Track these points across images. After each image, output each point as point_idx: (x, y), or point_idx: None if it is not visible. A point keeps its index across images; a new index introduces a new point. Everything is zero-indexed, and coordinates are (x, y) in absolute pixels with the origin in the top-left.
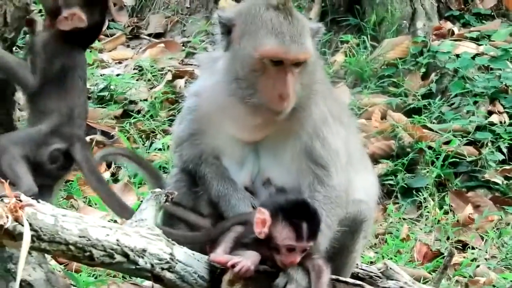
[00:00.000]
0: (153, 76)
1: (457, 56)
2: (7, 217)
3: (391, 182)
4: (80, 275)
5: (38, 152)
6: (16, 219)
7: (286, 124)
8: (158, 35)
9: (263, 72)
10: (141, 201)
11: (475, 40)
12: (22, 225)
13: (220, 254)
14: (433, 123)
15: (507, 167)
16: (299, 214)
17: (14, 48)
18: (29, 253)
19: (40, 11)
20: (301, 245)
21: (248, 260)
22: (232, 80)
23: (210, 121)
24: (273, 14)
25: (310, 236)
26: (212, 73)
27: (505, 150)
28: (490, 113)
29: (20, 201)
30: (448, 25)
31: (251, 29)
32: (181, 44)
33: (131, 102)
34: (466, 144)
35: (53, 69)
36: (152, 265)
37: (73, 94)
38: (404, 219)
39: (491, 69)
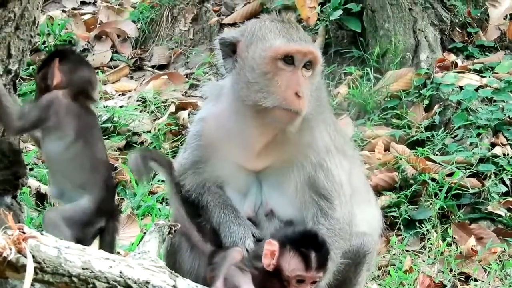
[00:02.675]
0: (156, 107)
1: (461, 88)
2: (10, 249)
3: (394, 214)
4: None
5: (84, 231)
6: (19, 251)
7: (290, 153)
8: (161, 67)
9: (276, 74)
10: (144, 233)
11: (479, 72)
12: (25, 257)
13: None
14: (436, 155)
15: (510, 199)
16: (307, 244)
17: (17, 80)
18: (32, 285)
19: (44, 42)
20: (310, 275)
21: None
22: (242, 88)
23: (215, 148)
24: (279, 24)
25: (319, 266)
26: (218, 100)
27: (508, 182)
28: (493, 145)
29: (24, 233)
30: (452, 57)
31: (259, 35)
32: (185, 76)
33: (135, 133)
34: (469, 176)
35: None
36: None
37: (102, 161)
38: (407, 251)
39: (495, 101)
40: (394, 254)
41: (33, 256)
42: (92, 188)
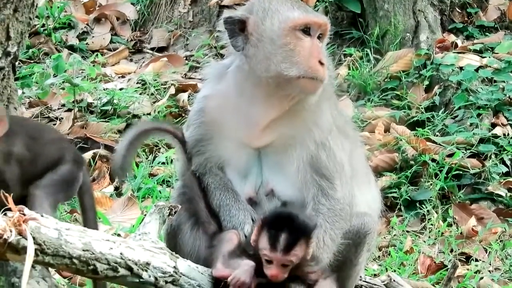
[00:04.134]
0: (156, 90)
1: (461, 68)
2: (11, 231)
3: (394, 194)
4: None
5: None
6: (20, 233)
7: (295, 129)
8: (161, 49)
9: (296, 44)
10: (145, 215)
11: (479, 52)
12: (26, 239)
13: (221, 269)
14: (437, 135)
15: (511, 179)
16: (279, 225)
17: (17, 63)
18: (33, 266)
19: (43, 25)
20: (275, 256)
21: (243, 273)
22: (260, 61)
23: (218, 125)
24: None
25: (286, 249)
26: (221, 79)
27: (508, 163)
28: (493, 125)
29: (24, 215)
30: (452, 37)
31: (272, 9)
32: (184, 58)
33: (134, 116)
34: (469, 157)
35: None
36: (156, 278)
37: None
38: (407, 231)
39: (495, 81)
40: (394, 235)
41: (34, 238)
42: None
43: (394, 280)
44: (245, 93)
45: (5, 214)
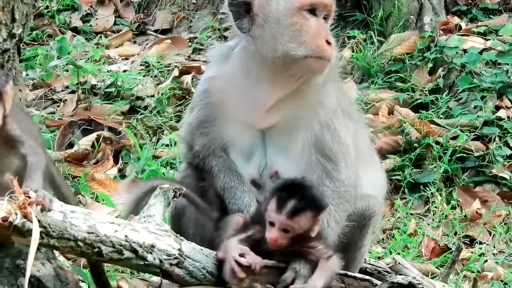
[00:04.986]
0: (159, 72)
1: (465, 51)
2: (16, 214)
3: (398, 177)
4: (89, 270)
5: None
6: (25, 216)
7: (300, 109)
8: (164, 31)
9: (303, 24)
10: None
11: (483, 35)
12: (31, 222)
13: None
14: (441, 118)
15: None
16: (290, 190)
17: (21, 45)
18: (38, 249)
19: (47, 7)
20: (278, 218)
21: (254, 255)
22: (267, 42)
23: (223, 106)
24: None
25: (291, 213)
26: (226, 61)
27: None
28: (497, 108)
29: (29, 197)
30: (455, 20)
31: None
32: (188, 40)
33: (138, 98)
34: (473, 139)
35: None
36: (160, 261)
37: None
38: (411, 214)
39: (499, 64)
40: (398, 218)
41: (39, 221)
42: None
43: (399, 263)
44: (251, 74)
45: (10, 197)
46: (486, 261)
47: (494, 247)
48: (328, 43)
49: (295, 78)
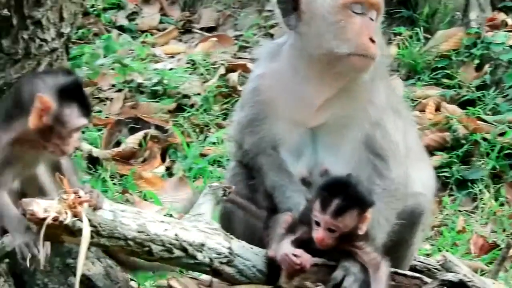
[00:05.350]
0: (206, 70)
1: (511, 47)
2: (66, 213)
3: (446, 174)
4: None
5: None
6: (75, 215)
7: (350, 107)
8: (210, 29)
9: (347, 21)
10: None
11: None
12: (81, 221)
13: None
14: (488, 114)
15: None
16: (334, 189)
17: (69, 44)
18: (88, 248)
19: (92, 6)
20: (323, 218)
21: (304, 253)
22: (312, 39)
23: (273, 104)
24: None
25: (336, 213)
26: (275, 58)
27: None
28: None
29: (79, 197)
30: (502, 16)
31: None
32: (234, 38)
33: (184, 96)
34: None
35: None
36: (210, 259)
37: None
38: (459, 211)
39: None
40: (446, 215)
41: (89, 220)
42: None
43: (449, 260)
44: (299, 71)
45: (60, 197)
46: None
47: None
48: (372, 40)
49: (341, 76)
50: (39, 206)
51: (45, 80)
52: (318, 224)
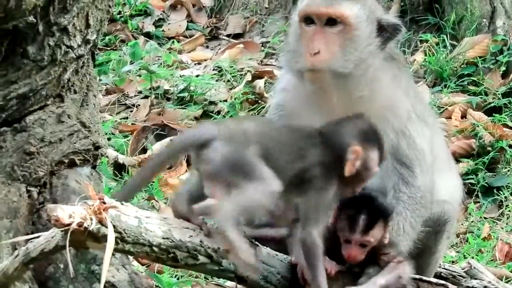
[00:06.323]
0: (232, 76)
1: None
2: (91, 219)
3: (471, 181)
4: (163, 276)
5: None
6: (100, 221)
7: (372, 120)
8: (237, 36)
9: (302, 36)
10: None
11: None
12: (106, 227)
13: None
14: None
15: None
16: (356, 206)
17: (95, 50)
18: (113, 254)
19: (119, 12)
20: (354, 237)
21: (328, 260)
22: (286, 55)
23: (298, 117)
24: None
25: (365, 230)
26: None
27: None
28: None
29: (104, 203)
30: None
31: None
32: (260, 45)
33: (211, 102)
34: None
35: None
36: (235, 266)
37: None
38: (485, 218)
39: None
40: (472, 221)
41: (114, 226)
42: None
43: (474, 267)
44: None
45: (85, 203)
46: None
47: None
48: (315, 52)
49: (323, 90)
50: (63, 212)
51: (351, 129)
52: (347, 241)
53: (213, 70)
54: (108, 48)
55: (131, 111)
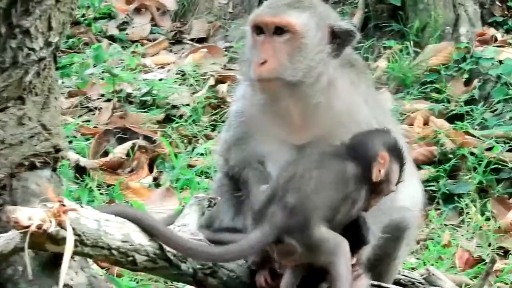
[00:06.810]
0: (195, 81)
1: (500, 62)
2: (51, 222)
3: (433, 188)
4: (122, 279)
5: None
6: (60, 224)
7: (330, 125)
8: (200, 40)
9: (253, 45)
10: (183, 206)
11: None
12: (65, 230)
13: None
14: (476, 129)
15: None
16: None
17: (57, 53)
18: (72, 257)
19: (83, 15)
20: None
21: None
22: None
23: (258, 124)
24: None
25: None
26: None
27: None
28: None
29: (64, 205)
30: (491, 31)
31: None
32: (224, 49)
33: (174, 106)
34: (508, 151)
35: None
36: (194, 270)
37: None
38: (445, 225)
39: None
40: (432, 228)
41: (73, 229)
42: None
43: (433, 274)
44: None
45: (45, 205)
46: None
47: None
48: (260, 63)
49: (277, 100)
50: (23, 214)
51: (380, 139)
52: None
53: (176, 74)
54: (72, 51)
55: (93, 114)
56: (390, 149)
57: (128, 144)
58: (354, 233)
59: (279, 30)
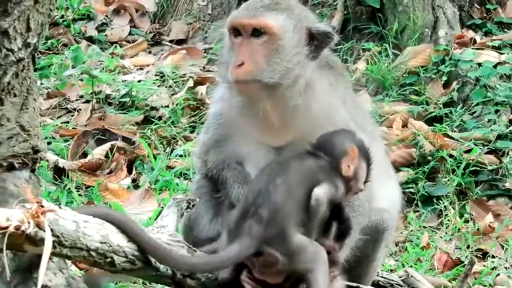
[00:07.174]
0: (174, 82)
1: (479, 64)
2: (29, 223)
3: (411, 190)
4: None
5: None
6: (38, 225)
7: (307, 127)
8: (179, 42)
9: (230, 47)
10: (162, 207)
11: (497, 49)
12: (44, 231)
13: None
14: (454, 131)
15: None
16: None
17: (36, 54)
18: (50, 258)
19: (62, 16)
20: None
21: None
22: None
23: (236, 126)
24: None
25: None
26: None
27: None
28: (511, 122)
29: (42, 206)
30: (470, 33)
31: None
32: (203, 51)
33: (153, 108)
34: (487, 153)
35: None
36: (173, 272)
37: None
38: (424, 227)
39: None
40: (411, 230)
41: (52, 230)
42: None
43: (411, 276)
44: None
45: (23, 206)
46: (498, 274)
47: (507, 261)
48: (236, 65)
49: (255, 102)
50: (1, 215)
51: (349, 137)
52: None
53: (155, 75)
54: (50, 52)
55: (72, 116)
56: (359, 147)
57: (107, 146)
58: (337, 223)
59: (257, 32)
